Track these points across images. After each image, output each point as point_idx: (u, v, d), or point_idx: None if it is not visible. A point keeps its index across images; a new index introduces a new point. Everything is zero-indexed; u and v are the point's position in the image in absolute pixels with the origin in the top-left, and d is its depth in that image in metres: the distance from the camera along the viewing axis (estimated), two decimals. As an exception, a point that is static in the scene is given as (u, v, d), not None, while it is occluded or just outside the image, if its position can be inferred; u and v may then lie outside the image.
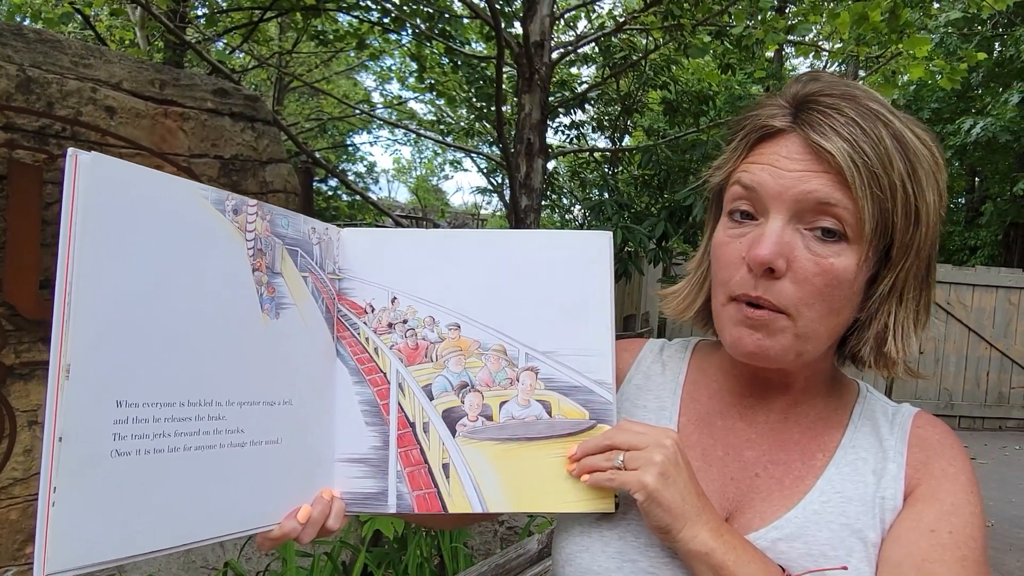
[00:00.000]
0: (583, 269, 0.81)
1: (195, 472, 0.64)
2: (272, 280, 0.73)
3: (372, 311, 0.80)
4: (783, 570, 0.70)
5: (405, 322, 0.80)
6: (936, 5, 10.26)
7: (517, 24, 5.01)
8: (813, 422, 0.81)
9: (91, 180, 0.57)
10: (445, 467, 0.78)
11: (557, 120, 8.43)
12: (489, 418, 0.78)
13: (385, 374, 0.79)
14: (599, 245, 0.81)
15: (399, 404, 0.79)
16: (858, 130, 0.66)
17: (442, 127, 11.11)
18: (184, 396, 0.64)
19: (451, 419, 0.79)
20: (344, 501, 0.77)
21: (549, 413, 0.78)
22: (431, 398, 0.79)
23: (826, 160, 0.67)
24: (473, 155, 11.93)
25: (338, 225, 0.82)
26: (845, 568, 0.70)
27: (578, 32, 7.69)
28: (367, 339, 0.80)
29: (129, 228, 0.60)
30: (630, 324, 8.64)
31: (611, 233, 0.83)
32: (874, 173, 0.66)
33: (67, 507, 0.55)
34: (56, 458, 0.54)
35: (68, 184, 0.55)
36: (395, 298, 0.80)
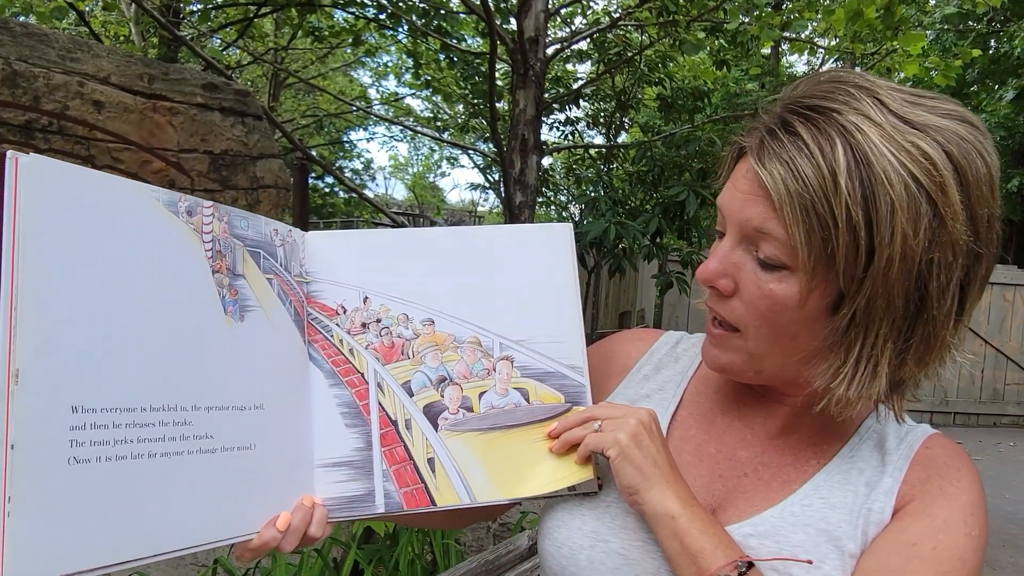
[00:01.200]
0: (548, 259, 0.84)
1: (162, 480, 0.62)
2: (234, 282, 0.71)
3: (344, 312, 0.80)
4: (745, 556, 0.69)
5: (379, 321, 0.80)
6: (931, 2, 10.25)
7: (512, 20, 4.99)
8: (814, 432, 0.79)
9: (32, 182, 0.55)
10: (430, 462, 0.78)
11: (552, 116, 8.42)
12: (470, 409, 0.79)
13: (363, 374, 0.79)
14: (561, 236, 0.85)
15: (379, 403, 0.78)
16: (803, 153, 0.62)
17: (439, 123, 11.08)
18: (146, 401, 0.62)
19: (432, 413, 0.79)
20: (328, 507, 0.76)
21: (527, 400, 0.80)
22: (411, 395, 0.79)
23: (763, 185, 0.64)
24: (469, 151, 11.91)
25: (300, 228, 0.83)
26: (810, 562, 0.68)
27: (573, 28, 7.67)
28: (341, 341, 0.79)
29: (76, 230, 0.58)
30: (626, 320, 8.63)
31: (571, 224, 0.87)
32: (809, 200, 0.61)
33: (23, 518, 0.53)
34: (9, 467, 0.52)
35: (9, 187, 0.54)
36: (367, 297, 0.80)
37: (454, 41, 6.04)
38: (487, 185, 13.06)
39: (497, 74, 4.76)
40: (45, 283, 0.56)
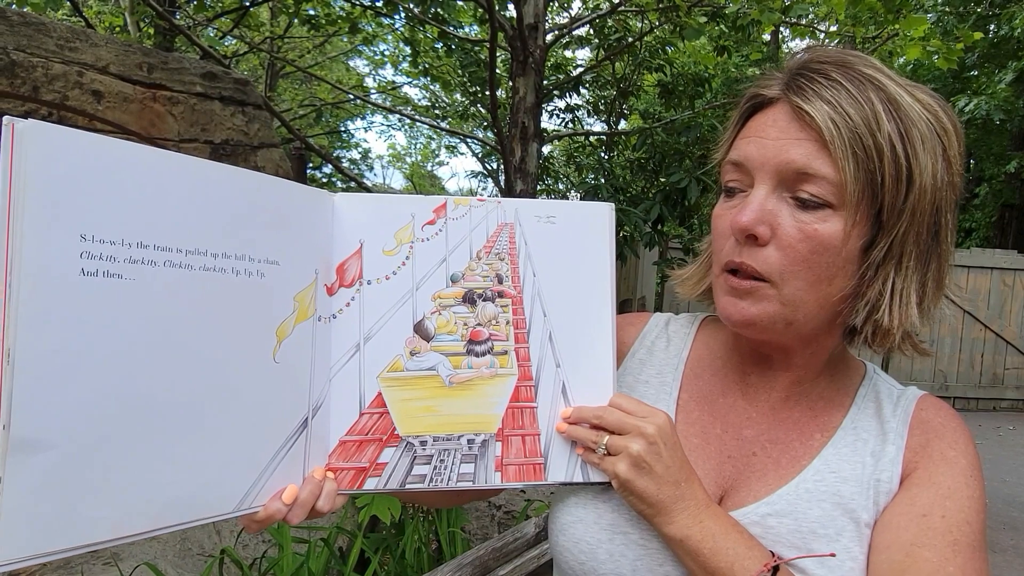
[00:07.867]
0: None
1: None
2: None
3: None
4: (773, 555, 0.69)
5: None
6: (933, -16, 10.19)
7: (511, 6, 4.95)
8: (815, 402, 0.80)
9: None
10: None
11: (552, 104, 8.37)
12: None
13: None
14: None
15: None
16: (843, 92, 0.66)
17: (437, 111, 11.03)
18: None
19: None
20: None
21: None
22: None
23: (808, 125, 0.67)
24: (468, 140, 11.87)
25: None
26: (833, 555, 0.69)
27: (572, 14, 7.62)
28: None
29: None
30: (626, 308, 8.64)
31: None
32: (856, 134, 0.65)
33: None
34: (1, 446, 0.51)
35: (4, 155, 0.51)
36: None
37: (452, 29, 6.00)
38: (486, 173, 13.02)
39: (496, 61, 4.73)
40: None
